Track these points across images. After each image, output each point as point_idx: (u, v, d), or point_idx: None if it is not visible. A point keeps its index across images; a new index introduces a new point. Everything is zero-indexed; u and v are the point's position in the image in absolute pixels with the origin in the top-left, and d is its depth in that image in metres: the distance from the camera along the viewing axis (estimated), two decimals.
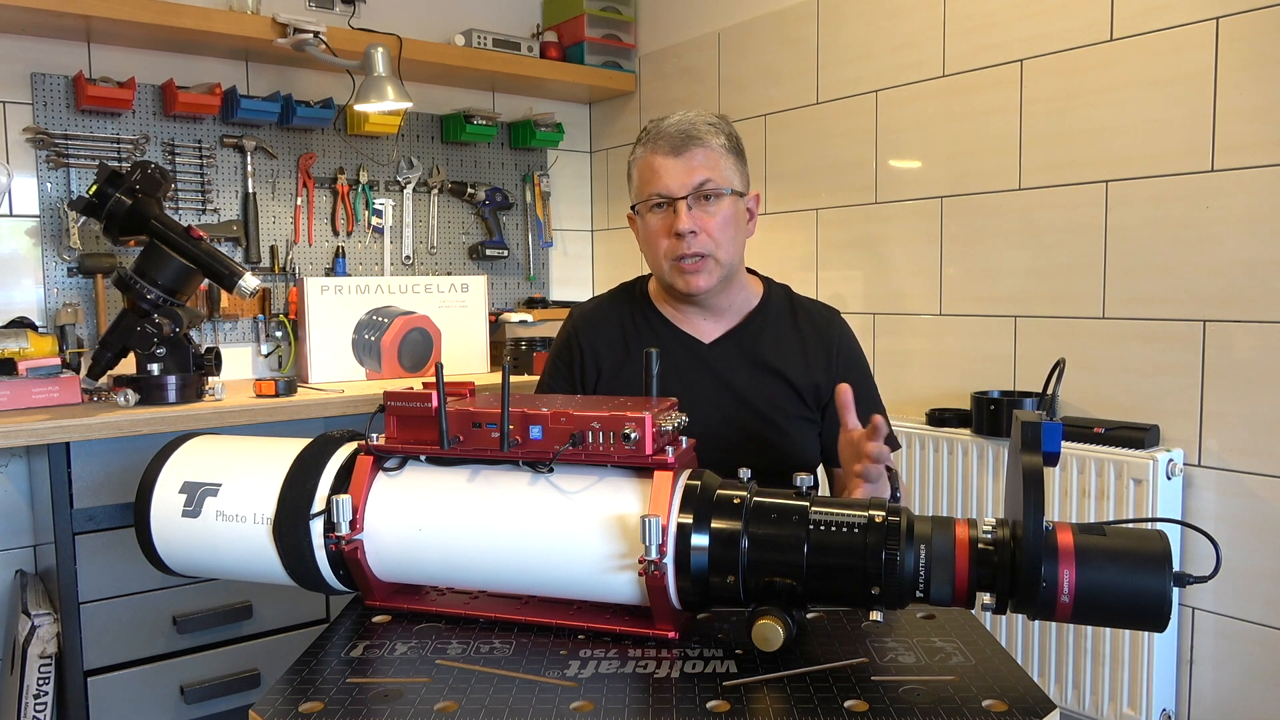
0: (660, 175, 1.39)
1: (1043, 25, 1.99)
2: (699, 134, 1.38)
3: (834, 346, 1.49)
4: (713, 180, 1.38)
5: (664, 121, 1.42)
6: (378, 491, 1.02)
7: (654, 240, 1.43)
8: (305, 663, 0.95)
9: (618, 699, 0.85)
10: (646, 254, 1.47)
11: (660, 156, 1.39)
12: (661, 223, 1.41)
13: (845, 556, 0.89)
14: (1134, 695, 1.79)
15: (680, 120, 1.40)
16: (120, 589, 1.87)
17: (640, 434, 0.95)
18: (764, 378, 1.45)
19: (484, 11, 2.95)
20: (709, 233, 1.39)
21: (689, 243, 1.38)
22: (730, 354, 1.47)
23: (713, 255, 1.39)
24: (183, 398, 1.97)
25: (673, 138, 1.38)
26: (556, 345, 1.58)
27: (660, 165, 1.39)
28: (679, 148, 1.38)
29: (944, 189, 2.21)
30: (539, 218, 3.07)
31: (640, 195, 1.44)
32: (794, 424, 1.45)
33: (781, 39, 2.57)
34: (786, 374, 1.45)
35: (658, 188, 1.39)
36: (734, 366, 1.46)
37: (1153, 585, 0.80)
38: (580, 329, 1.54)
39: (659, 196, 1.40)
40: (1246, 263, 1.73)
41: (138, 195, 1.99)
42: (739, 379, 1.45)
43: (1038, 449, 0.81)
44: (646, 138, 1.43)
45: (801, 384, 1.46)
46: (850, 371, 1.49)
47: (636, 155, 1.44)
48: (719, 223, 1.39)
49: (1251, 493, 1.75)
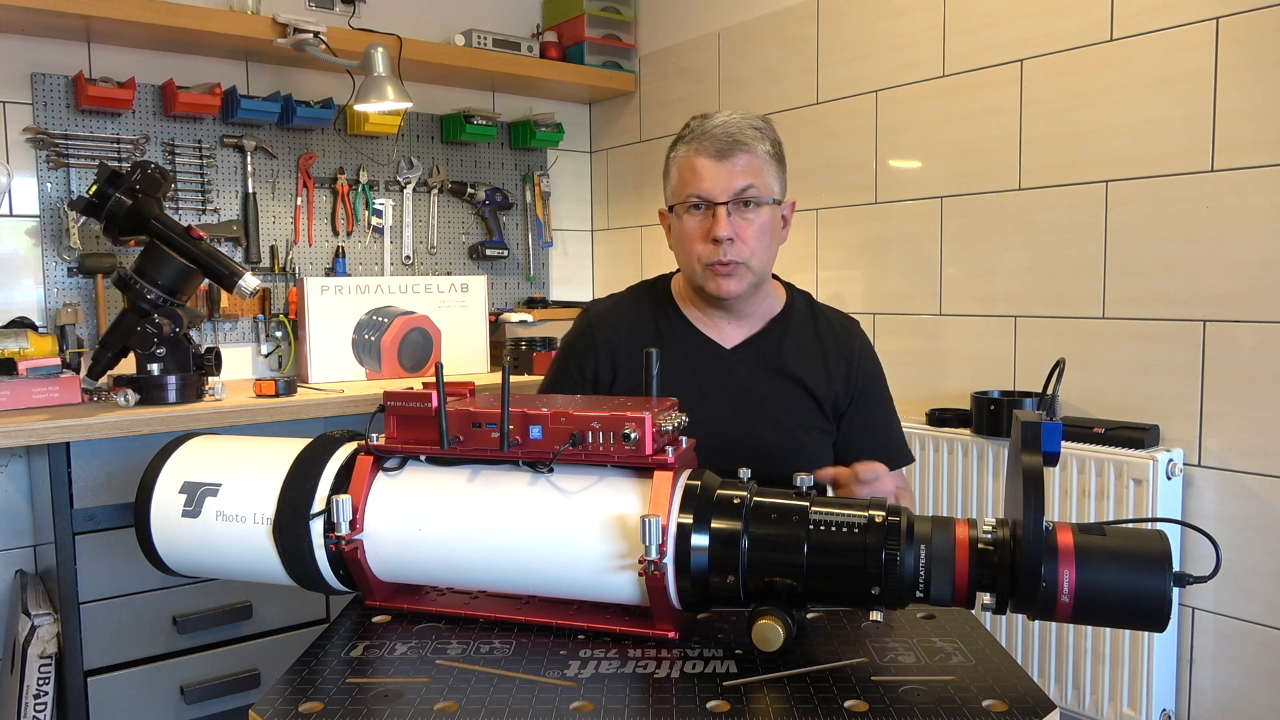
0: (702, 177, 1.35)
1: (1043, 25, 1.99)
2: (745, 139, 1.35)
3: (855, 358, 1.47)
4: (755, 187, 1.35)
5: (709, 121, 1.38)
6: (378, 491, 1.02)
7: (689, 242, 1.39)
8: (305, 663, 0.95)
9: (618, 699, 0.85)
10: (678, 254, 1.44)
11: (704, 158, 1.35)
12: (699, 226, 1.37)
13: (845, 556, 0.89)
14: (1134, 695, 1.79)
15: (726, 122, 1.36)
16: (120, 589, 1.87)
17: (640, 434, 0.95)
18: (784, 386, 1.43)
19: (484, 11, 2.95)
20: (745, 240, 1.36)
21: (725, 249, 1.35)
22: (751, 360, 1.45)
23: (746, 263, 1.37)
24: (183, 398, 1.97)
25: (718, 140, 1.35)
26: (569, 341, 1.53)
27: (703, 167, 1.35)
28: (724, 151, 1.35)
29: (944, 189, 2.21)
30: (539, 218, 3.07)
31: (678, 195, 1.40)
32: (811, 435, 1.44)
33: (781, 39, 2.57)
34: (807, 383, 1.44)
35: (698, 190, 1.36)
36: (754, 373, 1.44)
37: (1153, 585, 0.80)
38: (597, 325, 1.49)
39: (698, 198, 1.36)
40: (1246, 263, 1.73)
41: (138, 195, 1.99)
42: (759, 386, 1.42)
43: (1038, 449, 0.81)
44: (690, 136, 1.38)
45: (821, 394, 1.44)
46: (870, 387, 1.48)
47: (678, 153, 1.40)
48: (756, 230, 1.36)
49: (1251, 493, 1.75)
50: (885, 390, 1.52)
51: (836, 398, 1.45)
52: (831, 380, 1.45)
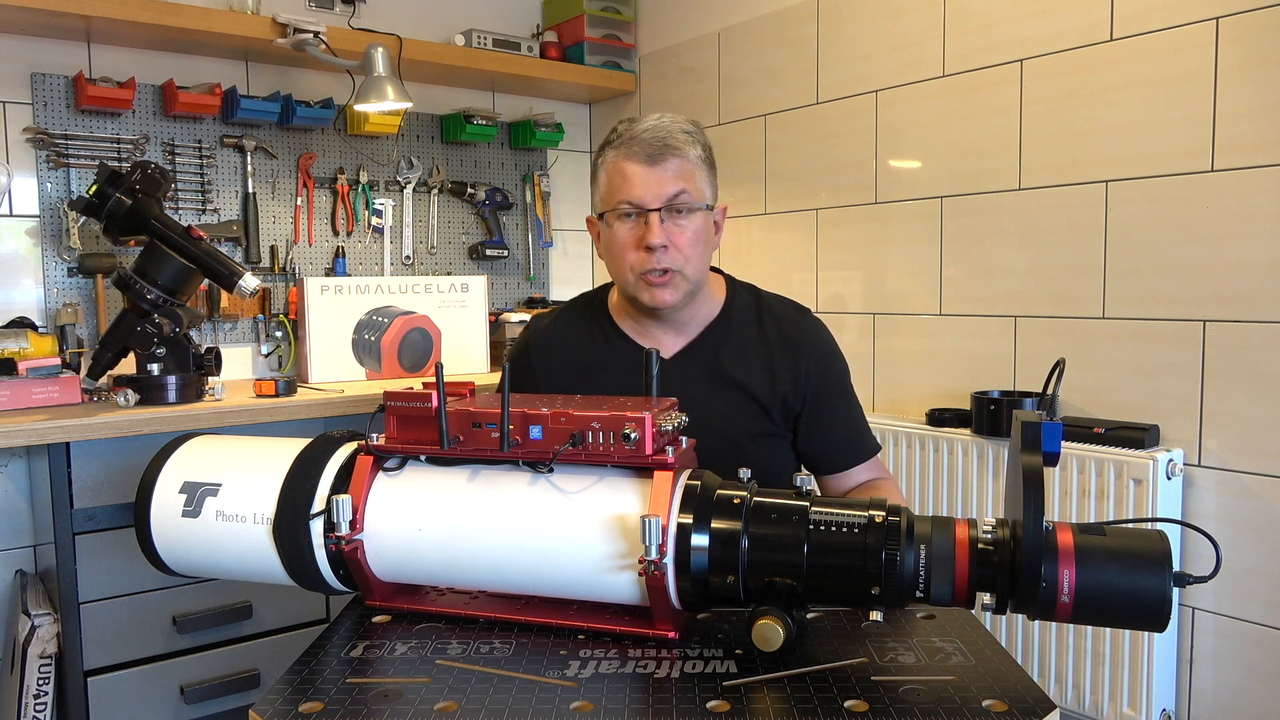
0: (633, 183, 1.31)
1: (1043, 25, 1.99)
2: (676, 143, 1.31)
3: (803, 352, 1.41)
4: (688, 193, 1.32)
5: (638, 125, 1.33)
6: (378, 491, 1.02)
7: (620, 251, 1.35)
8: (305, 663, 0.95)
9: (618, 699, 0.85)
10: (609, 264, 1.39)
11: (634, 163, 1.31)
12: (630, 234, 1.34)
13: (845, 556, 0.89)
14: (1134, 695, 1.79)
15: (656, 126, 1.32)
16: (120, 589, 1.87)
17: (640, 434, 0.95)
18: (726, 393, 1.38)
19: (484, 11, 2.95)
20: (679, 247, 1.32)
21: (659, 257, 1.31)
22: (690, 369, 1.40)
23: (681, 270, 1.33)
24: (183, 398, 1.97)
25: (648, 144, 1.31)
26: (513, 352, 1.54)
27: (633, 173, 1.31)
28: (655, 156, 1.31)
29: (944, 189, 2.21)
30: (539, 218, 3.07)
31: (608, 202, 1.35)
32: (757, 442, 1.39)
33: (781, 39, 2.57)
34: (750, 388, 1.39)
35: (629, 196, 1.32)
36: (694, 383, 1.38)
37: (1153, 585, 0.80)
38: (534, 346, 1.49)
39: (629, 205, 1.32)
40: (1246, 263, 1.73)
41: (138, 195, 1.99)
42: (700, 396, 1.34)
43: (1038, 449, 0.81)
44: (619, 140, 1.34)
45: (766, 398, 1.39)
46: (824, 381, 1.42)
47: (607, 158, 1.36)
48: (689, 237, 1.33)
49: (1251, 493, 1.75)
50: (842, 380, 1.46)
51: (784, 399, 1.39)
52: (777, 382, 1.39)
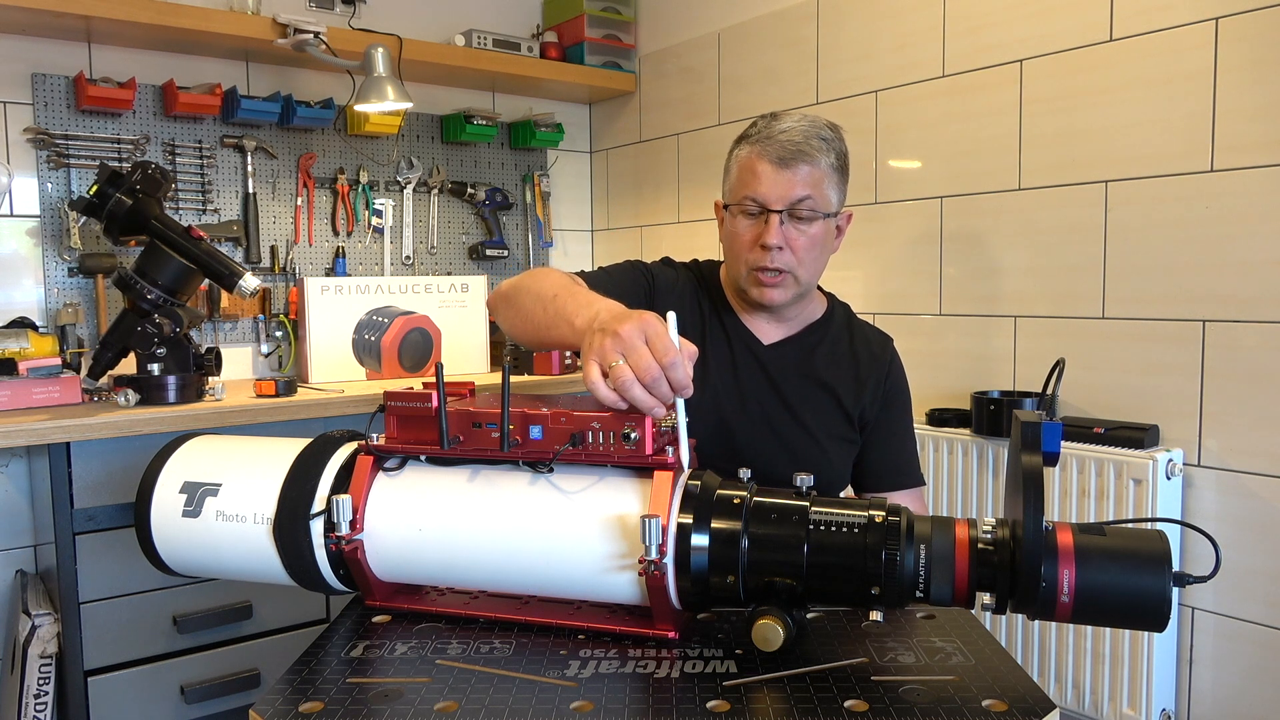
0: (760, 181, 1.33)
1: (1043, 25, 1.99)
2: (809, 149, 1.32)
3: (886, 374, 1.47)
4: (812, 199, 1.33)
5: (776, 125, 1.34)
6: (378, 491, 1.02)
7: (738, 244, 1.38)
8: (305, 663, 0.95)
9: (618, 699, 0.85)
10: (727, 252, 1.42)
11: (765, 163, 1.33)
12: (750, 229, 1.36)
13: (845, 556, 0.89)
14: (1134, 695, 1.79)
15: (793, 129, 1.33)
16: (120, 589, 1.87)
17: (640, 434, 0.95)
18: (813, 390, 1.43)
19: (484, 12, 2.95)
20: (795, 251, 1.34)
21: (774, 257, 1.33)
22: (785, 360, 1.44)
23: (793, 273, 1.35)
24: (183, 398, 1.97)
25: (782, 147, 1.32)
26: (640, 265, 1.48)
27: (762, 171, 1.33)
28: (786, 160, 1.32)
29: (944, 189, 2.21)
30: (539, 218, 3.07)
31: (734, 195, 1.38)
32: (834, 442, 1.43)
33: (781, 39, 2.57)
34: (836, 391, 1.43)
35: (754, 193, 1.34)
36: (787, 373, 1.43)
37: (1153, 585, 0.80)
38: (660, 278, 1.45)
39: (753, 202, 1.34)
40: (1246, 263, 1.73)
41: (138, 195, 1.99)
42: (790, 385, 1.41)
43: (1038, 449, 0.81)
44: (756, 136, 1.35)
45: (849, 404, 1.43)
46: (894, 405, 1.48)
47: (740, 152, 1.37)
48: (807, 242, 1.35)
49: (1251, 493, 1.75)
50: (908, 412, 1.52)
51: (864, 411, 1.45)
52: (861, 393, 1.44)
